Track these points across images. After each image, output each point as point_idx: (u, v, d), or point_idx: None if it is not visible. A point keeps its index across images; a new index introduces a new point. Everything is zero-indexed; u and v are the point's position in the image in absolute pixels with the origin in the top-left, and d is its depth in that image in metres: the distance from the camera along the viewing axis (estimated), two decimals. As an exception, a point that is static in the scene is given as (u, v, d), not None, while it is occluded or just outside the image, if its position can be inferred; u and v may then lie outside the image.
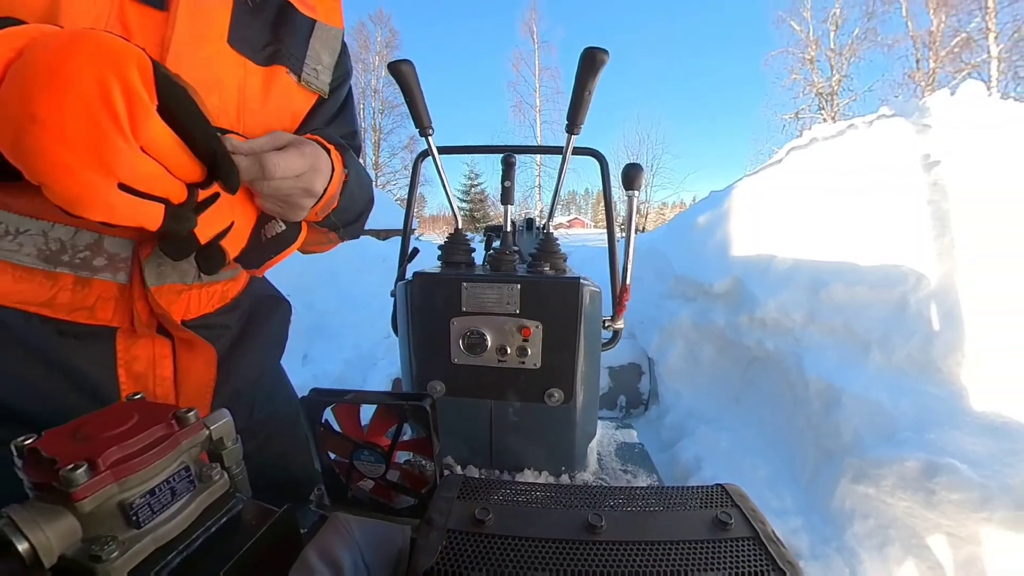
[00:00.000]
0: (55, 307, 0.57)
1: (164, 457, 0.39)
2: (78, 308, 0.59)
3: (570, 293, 0.84)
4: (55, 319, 0.58)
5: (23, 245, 0.55)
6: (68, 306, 0.58)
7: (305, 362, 3.18)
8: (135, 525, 0.37)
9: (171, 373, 0.67)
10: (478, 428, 0.91)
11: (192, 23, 0.60)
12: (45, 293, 0.57)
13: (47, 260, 0.56)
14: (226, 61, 0.65)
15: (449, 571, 0.38)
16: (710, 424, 2.21)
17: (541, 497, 0.49)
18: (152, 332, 0.65)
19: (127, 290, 0.61)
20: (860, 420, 1.73)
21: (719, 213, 3.06)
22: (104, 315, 0.60)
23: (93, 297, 0.59)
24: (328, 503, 0.61)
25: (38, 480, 0.35)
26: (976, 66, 14.58)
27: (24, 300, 0.56)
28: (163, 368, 0.67)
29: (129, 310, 0.62)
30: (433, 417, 0.54)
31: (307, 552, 0.39)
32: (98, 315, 0.60)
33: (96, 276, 0.59)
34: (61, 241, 0.56)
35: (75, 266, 0.57)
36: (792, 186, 2.91)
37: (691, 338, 2.67)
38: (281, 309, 0.88)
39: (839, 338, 2.09)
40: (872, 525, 1.50)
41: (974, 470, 1.42)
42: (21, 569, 0.32)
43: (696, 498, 0.47)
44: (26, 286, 0.56)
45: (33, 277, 0.56)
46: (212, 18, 0.63)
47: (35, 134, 0.37)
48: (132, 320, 0.62)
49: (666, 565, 0.39)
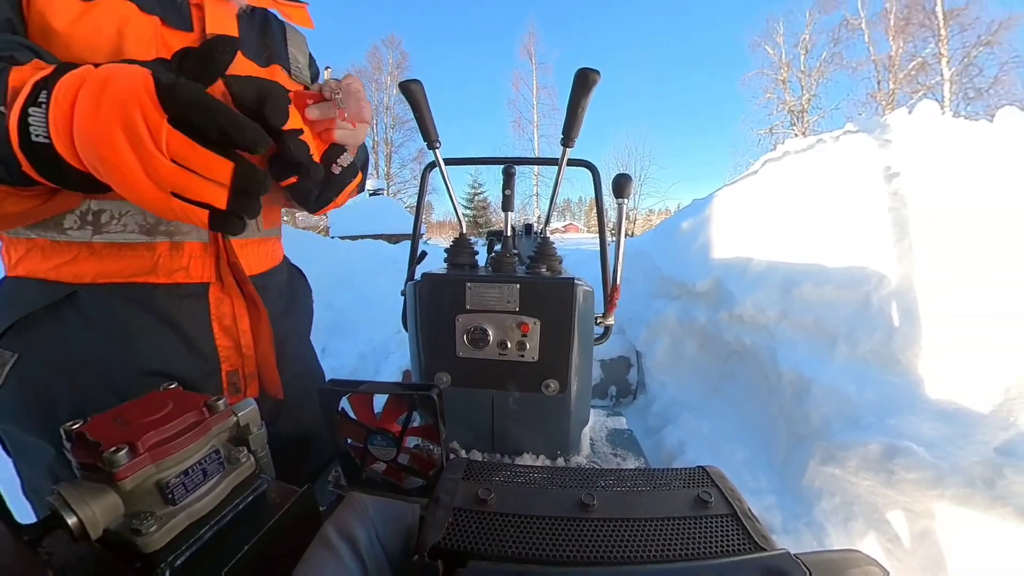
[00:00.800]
0: (159, 272, 0.64)
1: (196, 441, 0.39)
2: (177, 269, 0.66)
3: (565, 292, 0.84)
4: (161, 284, 0.65)
5: (127, 225, 0.62)
6: (168, 269, 0.65)
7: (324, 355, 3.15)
8: (171, 502, 0.37)
9: (248, 327, 0.73)
10: (481, 416, 0.91)
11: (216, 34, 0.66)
12: (148, 263, 0.64)
13: (148, 232, 0.63)
14: (242, 67, 0.70)
15: (455, 545, 0.38)
16: (692, 412, 2.22)
17: (538, 478, 0.49)
18: (233, 290, 0.71)
19: (210, 247, 0.68)
20: (828, 408, 1.74)
21: (701, 219, 3.06)
22: (197, 272, 0.67)
23: (186, 258, 0.66)
24: (344, 484, 0.61)
25: (84, 461, 0.36)
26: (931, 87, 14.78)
27: (134, 273, 0.63)
28: (242, 322, 0.73)
29: (214, 264, 0.69)
30: (440, 406, 0.54)
31: (326, 528, 0.39)
32: (192, 273, 0.67)
33: (185, 239, 0.66)
34: (156, 216, 0.62)
35: (169, 233, 0.64)
36: (767, 195, 2.91)
37: (675, 333, 2.67)
38: (307, 285, 0.97)
39: (809, 333, 2.10)
40: (838, 502, 1.51)
41: (929, 452, 1.43)
42: (71, 540, 0.33)
43: (679, 479, 0.47)
44: (132, 261, 0.63)
45: (136, 252, 0.63)
46: (226, 31, 0.69)
47: (105, 161, 0.41)
48: (217, 272, 0.69)
49: (652, 540, 0.39)
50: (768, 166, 3.18)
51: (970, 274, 1.96)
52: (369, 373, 2.98)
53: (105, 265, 0.62)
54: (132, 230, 0.62)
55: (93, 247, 0.61)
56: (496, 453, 0.93)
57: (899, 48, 15.41)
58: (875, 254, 2.19)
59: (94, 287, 0.62)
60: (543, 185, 23.37)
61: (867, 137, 2.89)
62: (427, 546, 0.38)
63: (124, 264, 0.63)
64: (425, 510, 0.42)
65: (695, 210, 3.28)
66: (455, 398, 0.87)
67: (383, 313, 3.61)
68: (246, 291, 0.72)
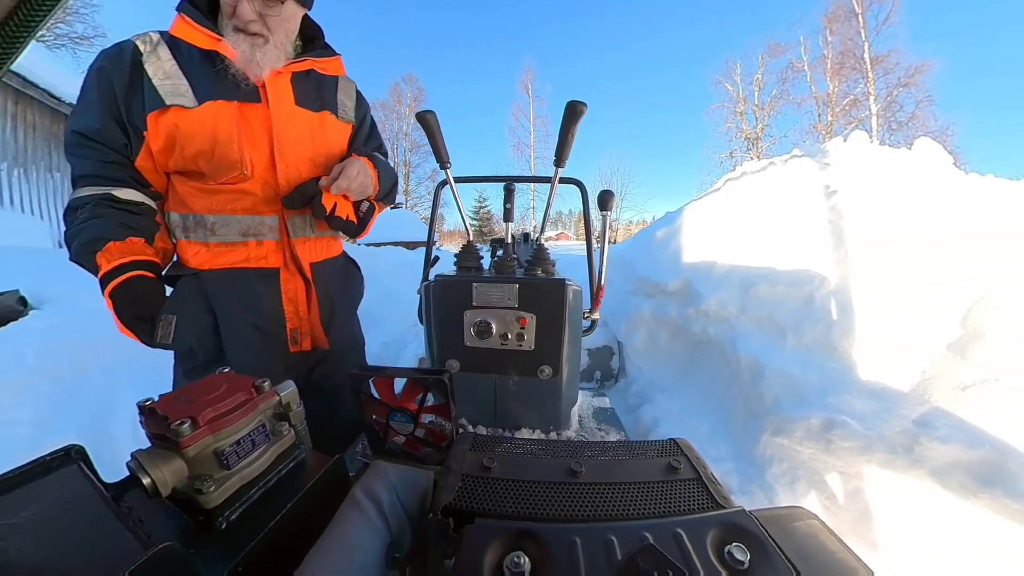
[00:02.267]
0: (249, 260, 0.84)
1: (246, 416, 0.39)
2: (260, 258, 0.85)
3: (557, 291, 0.84)
4: (251, 268, 0.84)
5: (231, 231, 0.82)
6: (255, 258, 0.84)
7: (352, 344, 3.15)
8: (226, 467, 0.37)
9: (304, 299, 0.89)
10: (485, 396, 0.91)
11: (278, 101, 0.82)
12: (243, 255, 0.83)
13: (243, 235, 0.83)
14: (300, 115, 0.85)
15: (463, 506, 0.38)
16: (665, 393, 2.21)
17: (534, 449, 0.49)
18: (295, 273, 0.88)
19: (280, 244, 0.86)
20: (778, 388, 1.73)
21: (672, 229, 3.04)
22: (272, 260, 0.86)
23: (266, 251, 0.85)
24: (370, 453, 0.61)
25: (155, 432, 0.36)
26: (861, 120, 14.93)
27: (234, 262, 0.83)
28: (300, 295, 0.89)
29: (283, 255, 0.87)
30: (450, 388, 0.54)
31: (355, 490, 0.39)
32: (270, 261, 0.86)
33: (265, 239, 0.84)
34: (248, 224, 0.83)
35: (256, 235, 0.84)
36: (728, 209, 2.90)
37: (651, 326, 2.66)
38: (359, 271, 1.11)
39: (763, 326, 2.09)
40: (785, 467, 1.50)
41: (860, 424, 1.43)
42: (146, 497, 0.33)
43: (654, 449, 0.48)
44: (233, 254, 0.83)
45: (235, 247, 0.83)
46: (285, 93, 0.83)
47: None
48: (285, 261, 0.87)
49: (631, 500, 0.39)
50: (729, 184, 3.17)
51: (895, 275, 1.96)
52: (390, 360, 2.96)
53: (216, 258, 0.82)
54: (234, 233, 0.82)
55: (209, 246, 0.82)
56: (498, 428, 0.92)
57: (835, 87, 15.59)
58: (817, 259, 2.19)
59: (210, 272, 0.82)
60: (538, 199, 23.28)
61: (810, 161, 2.90)
62: (440, 506, 0.38)
63: (227, 256, 0.82)
64: (438, 476, 0.42)
65: (667, 221, 3.26)
66: (463, 381, 0.87)
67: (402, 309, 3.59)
68: (304, 274, 0.88)
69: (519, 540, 0.32)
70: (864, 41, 14.70)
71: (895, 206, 2.27)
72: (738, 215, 2.77)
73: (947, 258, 1.96)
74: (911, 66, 14.42)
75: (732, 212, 2.83)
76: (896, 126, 14.60)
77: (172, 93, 0.74)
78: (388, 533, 0.37)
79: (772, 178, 2.91)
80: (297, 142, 0.84)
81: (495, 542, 0.32)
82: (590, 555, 0.31)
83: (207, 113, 0.75)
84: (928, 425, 1.38)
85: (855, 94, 15.15)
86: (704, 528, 0.33)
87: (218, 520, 0.35)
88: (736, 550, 0.31)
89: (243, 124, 0.78)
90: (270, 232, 0.84)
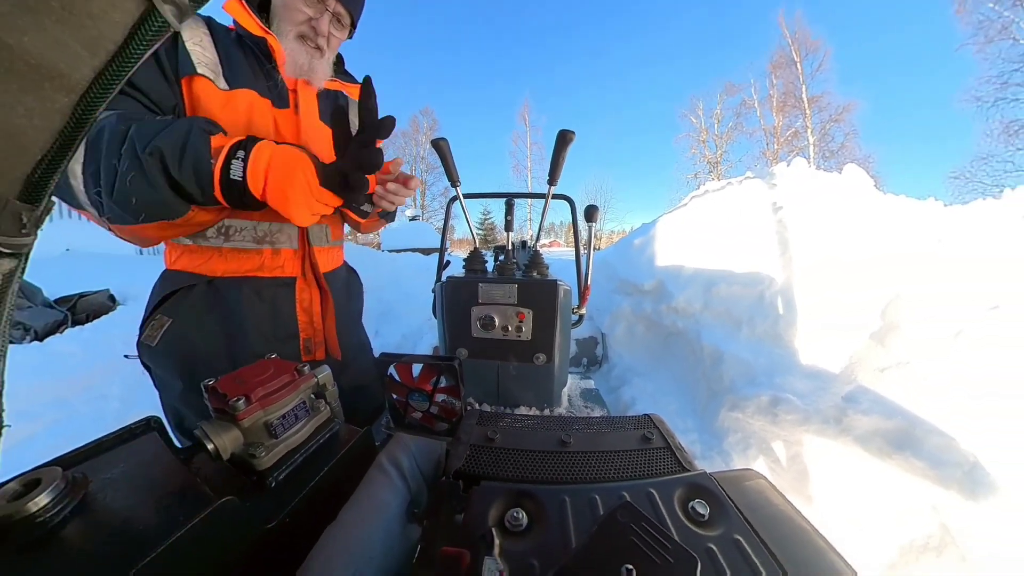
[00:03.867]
0: (263, 270, 0.68)
1: (290, 395, 0.39)
2: (276, 268, 0.69)
3: (550, 290, 0.84)
4: (266, 277, 0.68)
5: (245, 237, 0.66)
6: (270, 267, 0.68)
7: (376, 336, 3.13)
8: (274, 436, 0.37)
9: (319, 309, 0.74)
10: (490, 379, 0.91)
11: (307, 111, 0.71)
12: (256, 263, 0.67)
13: (258, 241, 0.67)
14: (322, 129, 0.73)
15: (471, 470, 0.38)
16: (641, 376, 2.20)
17: (531, 424, 0.49)
18: (311, 282, 0.73)
19: (298, 252, 0.71)
20: (734, 371, 1.73)
21: (647, 238, 3.02)
22: (289, 269, 0.70)
23: (282, 260, 0.69)
24: (392, 427, 0.60)
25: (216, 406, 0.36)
26: (801, 149, 15.13)
27: (248, 270, 0.67)
28: (315, 306, 0.74)
29: (300, 265, 0.71)
30: (460, 372, 0.54)
31: (380, 457, 0.39)
32: (286, 270, 0.70)
33: (282, 247, 0.69)
34: (264, 230, 0.67)
35: (272, 243, 0.68)
36: (693, 221, 2.89)
37: (629, 320, 2.65)
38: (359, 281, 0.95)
39: (723, 319, 2.09)
40: (739, 437, 1.50)
41: (800, 400, 1.44)
42: (210, 460, 0.34)
43: (631, 423, 0.47)
44: (246, 262, 0.66)
45: (249, 255, 0.67)
46: (311, 106, 0.72)
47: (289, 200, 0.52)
48: (302, 270, 0.72)
49: (611, 466, 0.39)
50: (694, 200, 3.16)
51: (830, 277, 1.96)
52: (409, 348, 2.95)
53: (230, 264, 0.66)
54: (248, 239, 0.66)
55: (223, 251, 0.65)
56: (500, 406, 0.92)
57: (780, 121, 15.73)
58: (766, 263, 2.19)
59: (224, 279, 0.66)
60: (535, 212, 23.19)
61: (760, 182, 2.90)
62: (452, 471, 0.38)
63: (242, 263, 0.66)
64: (450, 445, 0.42)
65: (643, 231, 3.24)
66: (471, 366, 0.87)
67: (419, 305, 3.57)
68: (321, 284, 0.73)
69: (518, 499, 0.32)
70: (802, 84, 15.01)
71: (829, 220, 2.28)
72: (702, 226, 2.77)
73: (871, 263, 1.96)
74: (840, 105, 14.81)
75: (697, 224, 2.83)
76: (829, 154, 14.87)
77: (201, 63, 0.59)
78: (408, 493, 0.37)
79: (729, 196, 2.92)
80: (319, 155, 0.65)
81: (498, 501, 0.32)
82: (577, 511, 0.31)
83: (241, 100, 0.61)
84: (854, 400, 1.39)
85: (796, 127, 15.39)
86: (672, 488, 0.33)
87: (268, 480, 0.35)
88: (698, 505, 0.31)
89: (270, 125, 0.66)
90: (287, 240, 0.69)
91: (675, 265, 2.59)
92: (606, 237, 28.05)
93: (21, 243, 0.24)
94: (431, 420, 0.58)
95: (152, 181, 0.48)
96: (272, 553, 0.31)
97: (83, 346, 2.39)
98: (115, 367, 2.22)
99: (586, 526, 0.29)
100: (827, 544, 0.30)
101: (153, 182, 0.48)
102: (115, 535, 0.25)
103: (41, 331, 2.78)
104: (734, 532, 0.29)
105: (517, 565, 0.26)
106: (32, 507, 0.25)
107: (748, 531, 0.29)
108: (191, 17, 0.51)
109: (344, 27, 0.71)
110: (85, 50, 0.20)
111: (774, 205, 2.55)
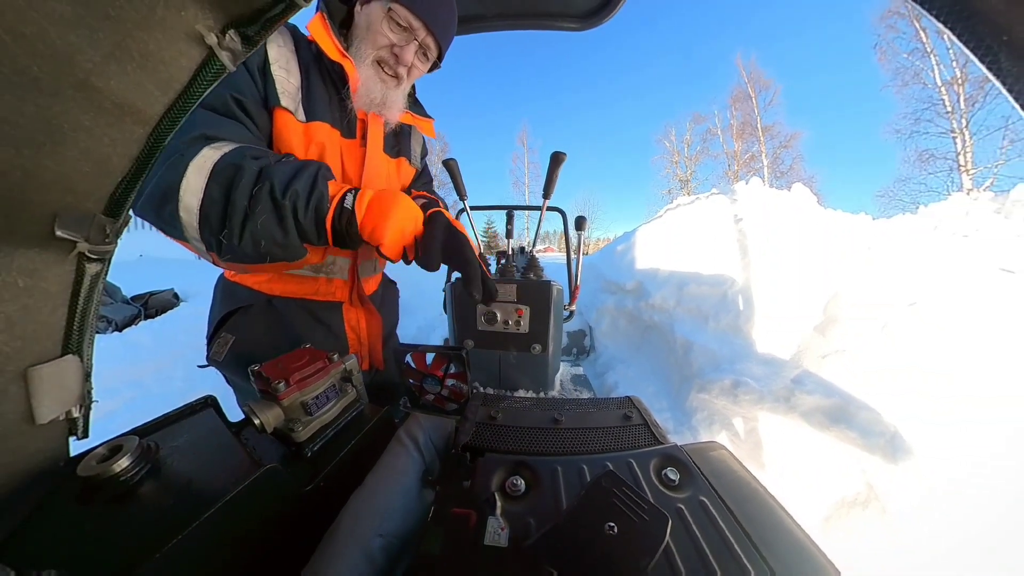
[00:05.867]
0: (318, 294, 0.65)
1: (323, 379, 0.39)
2: (328, 294, 0.66)
3: (545, 290, 0.83)
4: (319, 301, 0.65)
5: (304, 267, 0.62)
6: (324, 293, 0.65)
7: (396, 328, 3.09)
8: (309, 414, 0.37)
9: (365, 328, 0.72)
10: (492, 366, 0.89)
11: (372, 144, 0.63)
12: (312, 288, 0.64)
13: (315, 271, 0.63)
14: (386, 161, 0.68)
15: (477, 444, 0.38)
16: (623, 364, 2.19)
17: (528, 405, 0.49)
18: (359, 305, 0.70)
19: (348, 282, 0.67)
20: (702, 359, 1.73)
21: (629, 244, 3.01)
22: (340, 295, 0.67)
23: (335, 287, 0.66)
24: (409, 407, 0.60)
25: (261, 388, 0.36)
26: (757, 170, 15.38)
27: (305, 293, 0.64)
28: (362, 325, 0.71)
29: (348, 292, 0.68)
30: (467, 360, 0.54)
31: (399, 432, 0.39)
32: (337, 295, 0.67)
33: (335, 277, 0.66)
34: (320, 264, 0.63)
35: (327, 272, 0.64)
36: (668, 230, 2.89)
37: (613, 315, 2.64)
38: (396, 291, 0.91)
39: (693, 315, 2.08)
40: (705, 415, 1.50)
41: (756, 383, 1.44)
42: (257, 432, 0.34)
43: (615, 404, 0.47)
44: (303, 286, 0.63)
45: (307, 281, 0.63)
46: (378, 140, 0.65)
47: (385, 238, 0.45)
48: (350, 297, 0.68)
49: (597, 440, 0.39)
50: (668, 213, 3.16)
51: (781, 277, 1.97)
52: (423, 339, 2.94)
53: (288, 287, 0.63)
54: (307, 270, 0.63)
55: (283, 275, 0.62)
56: (502, 389, 0.91)
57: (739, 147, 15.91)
58: (729, 266, 2.19)
59: (282, 299, 0.63)
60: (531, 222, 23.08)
61: (724, 197, 2.91)
62: (460, 444, 0.38)
63: (299, 287, 0.63)
64: (458, 423, 0.42)
65: (625, 239, 3.22)
66: (476, 355, 0.86)
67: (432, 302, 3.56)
68: (366, 306, 0.71)
69: (517, 468, 0.32)
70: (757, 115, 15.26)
71: (780, 230, 2.29)
72: (675, 235, 2.78)
73: (814, 266, 1.96)
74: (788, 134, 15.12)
75: (671, 233, 2.83)
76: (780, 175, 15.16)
77: (286, 92, 0.51)
78: (423, 463, 0.37)
79: (698, 209, 2.92)
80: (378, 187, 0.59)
81: (500, 470, 0.32)
82: (567, 478, 0.31)
83: (316, 133, 0.53)
84: (800, 383, 1.39)
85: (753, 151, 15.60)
86: (648, 458, 0.33)
87: (305, 450, 0.35)
88: (670, 472, 0.31)
89: (342, 155, 0.58)
90: (340, 272, 0.65)
91: (652, 268, 2.59)
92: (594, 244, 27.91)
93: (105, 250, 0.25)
94: (442, 401, 0.58)
95: (286, 225, 0.41)
96: (309, 511, 0.31)
97: (153, 336, 2.47)
98: (179, 354, 2.28)
99: (575, 491, 0.30)
100: (776, 502, 0.30)
101: (286, 226, 0.41)
102: (182, 493, 0.26)
103: (121, 323, 2.81)
104: (700, 495, 0.29)
105: (516, 524, 0.26)
106: (116, 468, 0.26)
107: (712, 493, 0.30)
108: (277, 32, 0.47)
109: (428, 60, 0.60)
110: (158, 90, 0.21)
111: (735, 217, 2.56)
